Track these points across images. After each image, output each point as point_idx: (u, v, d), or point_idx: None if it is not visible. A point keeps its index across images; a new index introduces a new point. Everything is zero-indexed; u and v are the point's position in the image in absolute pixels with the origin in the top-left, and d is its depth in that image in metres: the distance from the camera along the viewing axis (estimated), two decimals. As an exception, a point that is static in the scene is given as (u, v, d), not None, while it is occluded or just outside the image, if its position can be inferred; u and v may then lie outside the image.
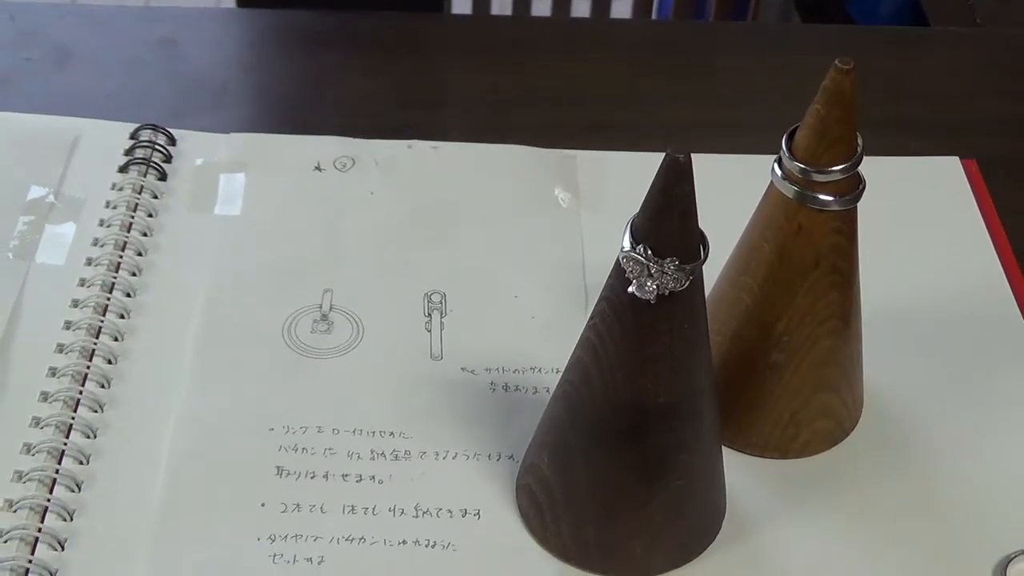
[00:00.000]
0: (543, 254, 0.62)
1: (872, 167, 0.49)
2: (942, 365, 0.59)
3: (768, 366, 0.52)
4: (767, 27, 1.14)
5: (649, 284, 0.42)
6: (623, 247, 0.43)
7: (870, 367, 0.56)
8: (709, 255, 0.44)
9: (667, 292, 0.43)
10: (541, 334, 0.58)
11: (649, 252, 0.42)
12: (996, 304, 0.62)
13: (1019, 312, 0.61)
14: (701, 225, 0.44)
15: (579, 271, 0.62)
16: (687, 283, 0.43)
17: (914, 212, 0.66)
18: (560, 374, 0.49)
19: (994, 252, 0.64)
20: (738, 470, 0.53)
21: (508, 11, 1.25)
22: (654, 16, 1.20)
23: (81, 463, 0.52)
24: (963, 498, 0.53)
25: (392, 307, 0.59)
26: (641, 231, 0.43)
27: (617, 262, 0.44)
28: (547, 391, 0.55)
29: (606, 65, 0.77)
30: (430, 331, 0.58)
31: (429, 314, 0.59)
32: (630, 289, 0.43)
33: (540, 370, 0.57)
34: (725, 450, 0.52)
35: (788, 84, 0.76)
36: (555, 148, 0.69)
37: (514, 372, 0.56)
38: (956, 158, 0.69)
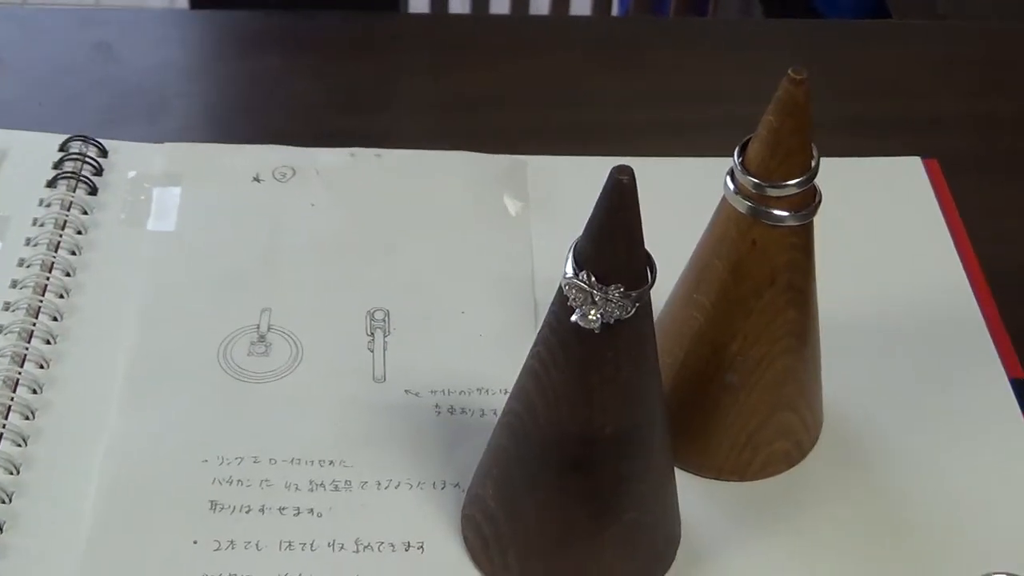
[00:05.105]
0: (491, 267, 0.60)
1: (831, 169, 0.47)
2: (903, 377, 0.56)
3: (723, 387, 0.50)
4: (729, 22, 1.12)
5: (593, 313, 0.40)
6: (565, 273, 0.41)
7: (827, 382, 0.53)
8: (658, 274, 0.42)
9: (612, 320, 0.40)
10: (489, 353, 0.56)
11: (593, 279, 0.40)
12: (958, 311, 0.60)
13: (982, 319, 0.59)
14: (658, 234, 0.41)
15: (528, 285, 0.59)
16: (633, 310, 0.40)
17: (874, 216, 0.64)
18: (507, 395, 0.47)
19: (957, 257, 0.62)
20: (693, 494, 0.51)
21: (468, 8, 1.22)
22: (614, 12, 1.18)
23: (3, 501, 0.49)
24: (928, 517, 0.51)
25: (333, 326, 0.57)
26: (584, 256, 0.40)
27: (560, 288, 0.41)
28: (494, 413, 0.53)
29: (565, 64, 0.75)
30: (372, 351, 0.56)
31: (372, 333, 0.56)
32: (573, 318, 0.40)
33: (487, 391, 0.54)
34: (679, 474, 0.50)
35: (752, 82, 0.73)
36: (508, 152, 0.66)
37: (460, 394, 0.54)
38: (918, 158, 0.67)
